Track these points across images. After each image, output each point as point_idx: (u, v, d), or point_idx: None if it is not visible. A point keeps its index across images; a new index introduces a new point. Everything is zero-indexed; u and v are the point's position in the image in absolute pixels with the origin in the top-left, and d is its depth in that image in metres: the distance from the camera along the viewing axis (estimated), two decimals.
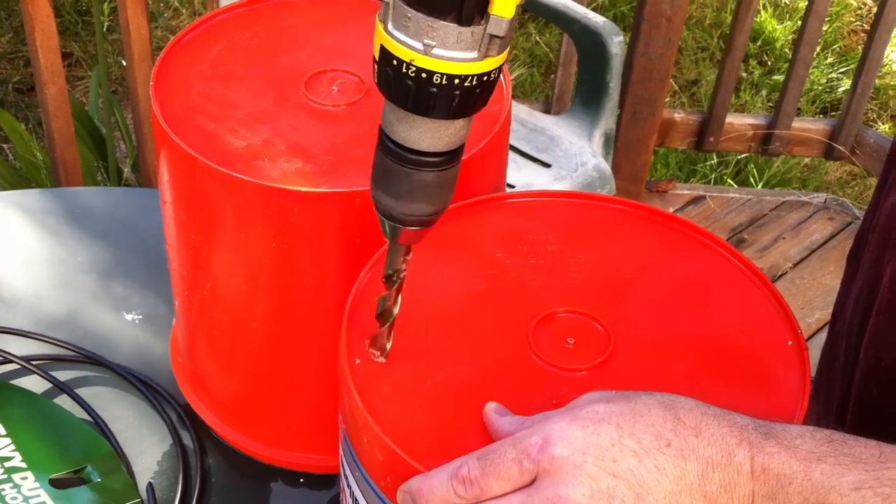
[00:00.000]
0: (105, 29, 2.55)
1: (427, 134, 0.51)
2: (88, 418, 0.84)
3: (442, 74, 0.49)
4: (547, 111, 2.10)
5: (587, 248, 0.67)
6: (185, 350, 0.85)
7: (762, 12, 2.84)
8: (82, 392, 0.86)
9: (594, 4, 2.79)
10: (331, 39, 0.80)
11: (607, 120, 1.80)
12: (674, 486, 0.49)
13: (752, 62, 2.74)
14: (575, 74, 2.08)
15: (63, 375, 0.87)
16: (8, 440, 0.80)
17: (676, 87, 2.64)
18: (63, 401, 0.85)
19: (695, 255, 0.67)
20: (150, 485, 0.79)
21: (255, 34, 0.80)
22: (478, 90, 0.50)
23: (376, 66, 0.51)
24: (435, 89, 0.49)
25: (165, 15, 2.71)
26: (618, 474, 0.49)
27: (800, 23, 2.23)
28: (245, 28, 0.80)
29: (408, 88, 0.49)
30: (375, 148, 0.54)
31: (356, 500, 0.61)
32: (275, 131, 0.72)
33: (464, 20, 0.48)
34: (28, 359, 0.88)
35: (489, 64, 0.49)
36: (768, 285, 0.64)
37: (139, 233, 1.01)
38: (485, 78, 0.50)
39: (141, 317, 0.94)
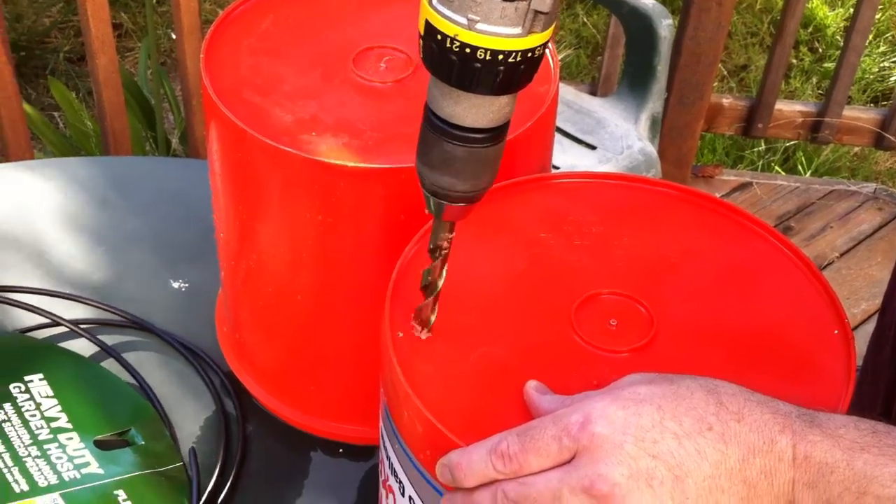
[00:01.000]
0: (155, 1, 2.57)
1: (472, 110, 0.51)
2: (134, 382, 0.86)
3: (486, 50, 0.49)
4: (593, 93, 2.09)
5: (632, 230, 0.66)
6: (229, 319, 0.86)
7: None
8: (129, 357, 0.87)
9: None
10: (379, 16, 0.80)
11: (654, 103, 1.78)
12: (713, 470, 0.49)
13: (803, 49, 2.70)
14: (622, 57, 2.06)
15: (110, 340, 0.89)
16: (55, 401, 0.82)
17: (725, 72, 2.60)
18: (110, 365, 0.87)
19: (741, 240, 0.66)
20: (192, 449, 0.81)
21: (304, 10, 0.80)
22: (522, 66, 0.50)
23: (421, 42, 0.51)
24: (479, 65, 0.49)
25: None
26: (657, 455, 0.49)
27: (852, 10, 2.18)
28: (293, 4, 0.80)
29: (452, 63, 0.49)
30: (421, 124, 0.54)
31: (395, 471, 0.62)
32: (322, 106, 0.72)
33: None
34: (76, 322, 0.89)
35: (534, 40, 0.49)
36: (815, 273, 0.64)
37: (187, 202, 1.02)
38: (529, 54, 0.49)
39: (188, 285, 0.95)
